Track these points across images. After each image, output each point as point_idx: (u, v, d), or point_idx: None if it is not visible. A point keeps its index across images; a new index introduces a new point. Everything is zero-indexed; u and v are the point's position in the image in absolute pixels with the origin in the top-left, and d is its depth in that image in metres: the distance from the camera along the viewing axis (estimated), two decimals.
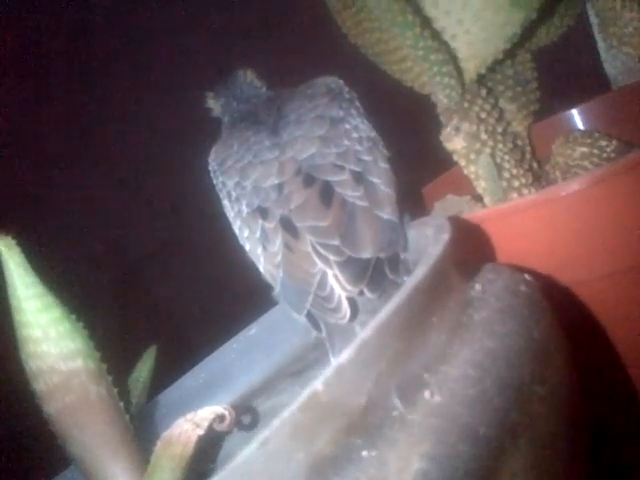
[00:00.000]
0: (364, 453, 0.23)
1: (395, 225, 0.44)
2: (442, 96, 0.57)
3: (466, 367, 0.26)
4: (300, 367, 0.63)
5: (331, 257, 0.41)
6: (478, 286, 0.33)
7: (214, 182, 0.53)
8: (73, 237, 0.63)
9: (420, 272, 0.29)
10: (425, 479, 0.21)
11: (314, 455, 0.24)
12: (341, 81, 0.53)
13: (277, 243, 0.45)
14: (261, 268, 0.48)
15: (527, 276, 0.35)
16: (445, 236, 0.33)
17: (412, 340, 0.27)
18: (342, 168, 0.45)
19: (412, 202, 0.49)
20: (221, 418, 0.49)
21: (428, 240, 0.39)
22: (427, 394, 0.25)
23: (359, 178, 0.45)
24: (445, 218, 0.37)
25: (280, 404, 0.62)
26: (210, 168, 0.53)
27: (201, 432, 0.48)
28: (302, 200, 0.44)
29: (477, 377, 0.25)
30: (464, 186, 0.63)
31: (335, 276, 0.41)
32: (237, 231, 0.51)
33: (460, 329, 0.29)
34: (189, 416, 0.49)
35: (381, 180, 0.46)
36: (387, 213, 0.44)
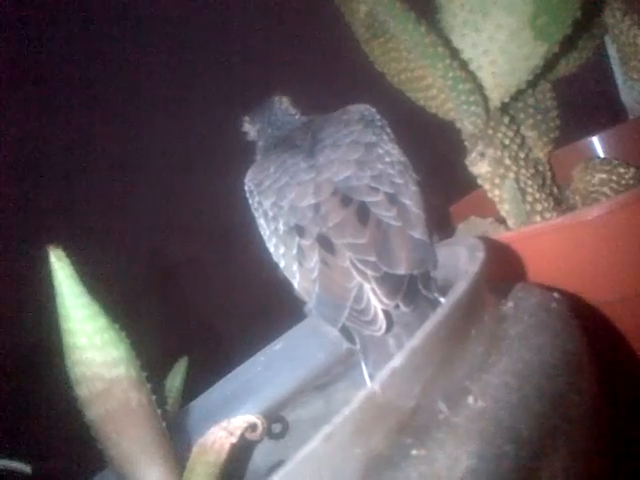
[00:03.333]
0: (414, 452, 0.25)
1: (426, 244, 0.47)
2: (468, 123, 0.59)
3: (506, 376, 0.28)
4: (324, 381, 0.65)
5: (369, 272, 0.44)
6: (510, 303, 0.35)
7: (250, 202, 0.56)
8: (114, 246, 0.66)
9: (461, 287, 0.31)
10: (474, 475, 0.23)
11: (370, 451, 0.26)
12: (373, 109, 0.56)
13: (314, 259, 0.47)
14: (295, 284, 0.51)
15: (556, 294, 0.37)
16: (481, 254, 0.35)
17: (455, 349, 0.29)
18: (377, 190, 0.48)
19: (436, 223, 0.51)
20: (253, 427, 0.51)
21: (460, 259, 0.41)
22: (471, 399, 0.27)
23: (392, 200, 0.48)
24: (477, 238, 0.39)
25: (305, 416, 0.64)
26: (246, 189, 0.56)
27: (234, 440, 0.50)
28: (339, 219, 0.46)
29: (517, 385, 0.27)
30: (486, 208, 0.65)
31: (372, 290, 0.43)
32: (272, 249, 0.53)
33: (497, 341, 0.31)
34: (223, 424, 0.51)
35: (412, 202, 0.49)
36: (418, 233, 0.47)
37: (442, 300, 0.44)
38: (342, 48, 0.77)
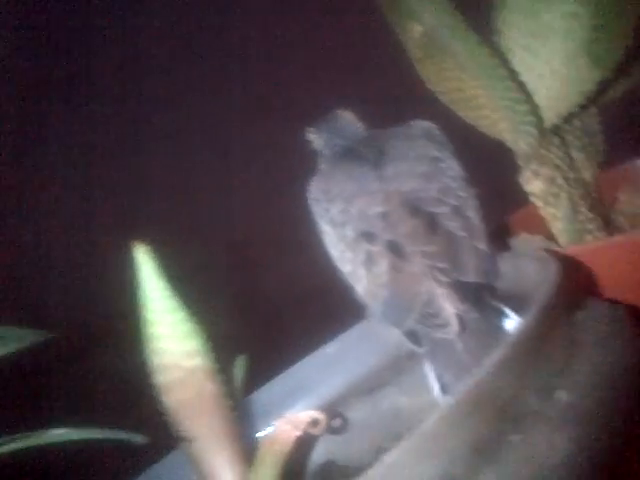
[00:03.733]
0: (513, 437, 0.28)
1: (489, 255, 0.50)
2: (523, 143, 0.62)
3: (590, 375, 0.31)
4: (373, 385, 0.68)
5: (442, 278, 0.47)
6: (584, 313, 0.38)
7: (314, 209, 0.59)
8: (195, 241, 0.69)
9: (544, 295, 0.34)
10: (572, 459, 0.26)
11: (475, 436, 0.29)
12: (434, 125, 0.59)
13: (383, 265, 0.50)
14: (360, 288, 0.54)
15: (622, 306, 0.40)
16: (555, 266, 0.39)
17: (542, 349, 0.32)
18: (443, 202, 0.51)
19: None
20: (315, 422, 0.54)
21: (526, 271, 0.44)
22: (560, 394, 0.30)
23: (457, 212, 0.51)
24: (547, 252, 0.43)
25: (353, 419, 0.67)
26: (310, 196, 0.59)
27: (298, 433, 0.53)
28: (410, 228, 0.50)
29: (601, 383, 0.30)
30: (531, 226, 0.68)
31: (445, 294, 0.46)
32: (337, 254, 0.56)
33: (576, 347, 0.34)
34: (289, 417, 0.54)
35: (474, 215, 0.52)
36: (482, 244, 0.50)
37: (505, 309, 0.47)
38: (393, 65, 0.81)
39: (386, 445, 0.65)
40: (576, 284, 0.48)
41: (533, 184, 0.61)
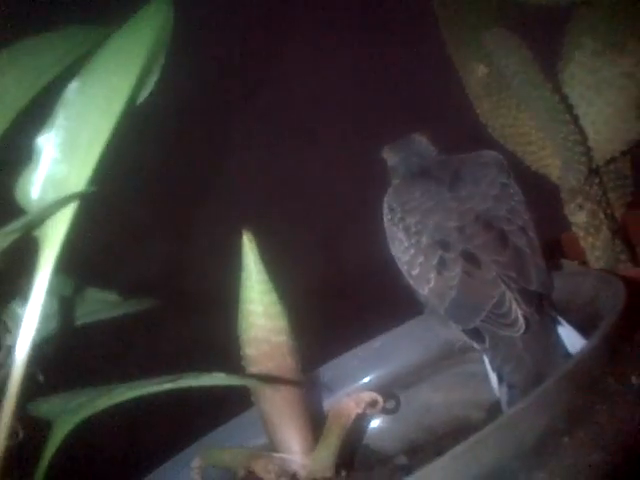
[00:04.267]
0: (598, 406, 0.36)
1: (547, 271, 0.58)
2: (573, 179, 0.71)
3: None
4: (410, 381, 0.75)
5: (511, 284, 0.55)
6: None
7: (389, 216, 0.66)
8: (294, 235, 0.77)
9: (616, 308, 0.42)
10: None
11: (538, 432, 0.36)
12: (500, 155, 0.67)
13: (455, 270, 0.58)
14: (425, 289, 0.61)
15: None
16: (620, 285, 0.47)
17: (615, 352, 0.41)
18: (511, 221, 0.59)
19: None
20: (374, 403, 0.61)
21: (583, 287, 0.53)
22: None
23: (523, 231, 0.59)
24: (606, 270, 0.51)
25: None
26: (386, 205, 0.67)
27: (359, 410, 0.60)
28: (483, 240, 0.58)
29: None
30: (568, 253, 0.77)
31: (514, 298, 0.54)
32: (406, 258, 0.64)
33: None
34: (352, 396, 0.61)
35: (534, 235, 0.60)
36: (541, 261, 0.58)
37: (559, 317, 0.55)
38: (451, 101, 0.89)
39: (416, 437, 0.73)
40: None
41: (578, 216, 0.70)
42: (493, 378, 0.55)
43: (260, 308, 0.59)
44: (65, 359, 0.46)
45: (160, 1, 0.41)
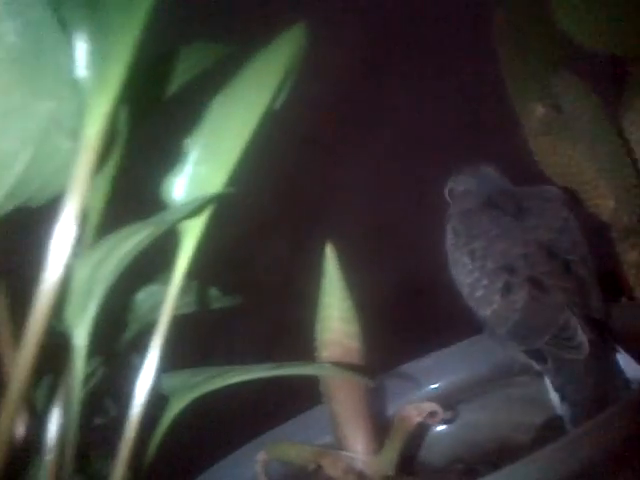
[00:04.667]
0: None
1: (604, 301, 0.62)
2: (627, 219, 0.75)
3: None
4: (457, 399, 0.79)
5: (577, 310, 0.59)
6: None
7: (453, 240, 0.71)
8: (371, 252, 0.82)
9: None
10: None
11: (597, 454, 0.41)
12: (562, 192, 0.72)
13: (521, 294, 0.62)
14: (488, 310, 0.66)
15: None
16: None
17: None
18: (574, 252, 0.64)
19: None
20: (434, 413, 0.65)
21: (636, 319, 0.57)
22: None
23: (584, 262, 0.63)
24: None
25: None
26: (452, 229, 0.71)
27: (420, 419, 0.64)
28: (549, 268, 0.62)
29: None
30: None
31: (579, 324, 0.58)
32: (469, 280, 0.68)
33: None
34: (415, 404, 0.65)
35: (593, 268, 0.64)
36: (599, 291, 0.62)
37: (616, 345, 0.60)
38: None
39: (462, 452, 0.77)
40: None
41: (630, 254, 0.74)
42: (555, 397, 0.59)
43: (337, 313, 0.63)
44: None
45: (296, 28, 0.47)
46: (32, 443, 0.41)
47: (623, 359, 0.58)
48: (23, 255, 0.44)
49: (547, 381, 0.60)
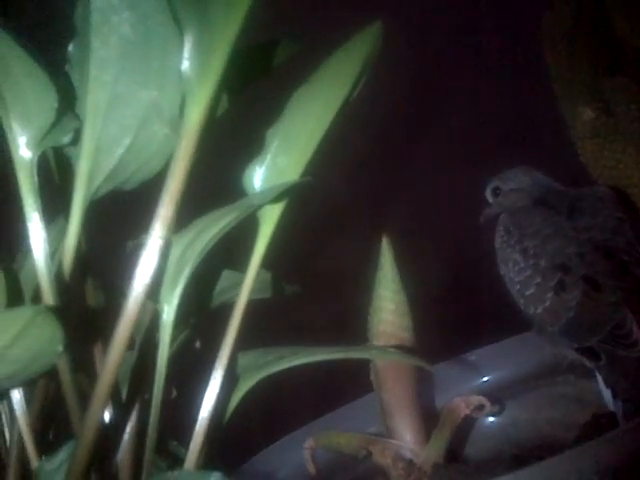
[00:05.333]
0: None
1: None
2: None
3: None
4: (503, 395, 0.80)
5: (634, 309, 0.60)
6: None
7: (505, 238, 0.72)
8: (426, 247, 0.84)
9: None
10: None
11: None
12: (613, 192, 0.73)
13: (575, 292, 0.63)
14: (539, 308, 0.67)
15: None
16: None
17: None
18: (629, 253, 0.64)
19: None
20: (481, 407, 0.67)
21: None
22: None
23: (638, 263, 0.64)
24: None
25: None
26: (503, 227, 0.72)
27: (467, 412, 0.66)
28: (605, 267, 0.63)
29: None
30: None
31: (634, 321, 0.59)
32: (520, 278, 0.69)
33: None
34: (463, 397, 0.66)
35: None
36: None
37: None
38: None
39: (504, 448, 0.78)
40: None
41: None
42: (607, 394, 0.60)
43: (392, 305, 0.65)
44: None
45: (373, 27, 0.48)
46: (118, 424, 0.43)
47: None
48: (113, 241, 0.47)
49: (599, 378, 0.61)
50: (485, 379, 0.80)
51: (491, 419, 0.77)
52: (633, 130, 0.76)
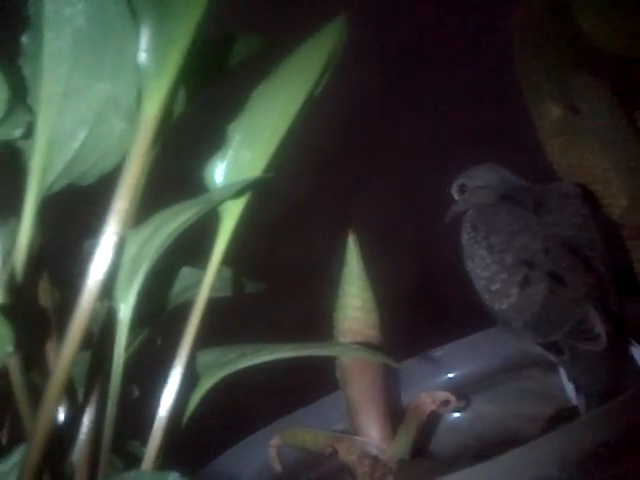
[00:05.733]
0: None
1: (620, 296, 0.64)
2: (638, 217, 0.77)
3: None
4: (468, 391, 0.80)
5: (596, 304, 0.61)
6: None
7: (471, 234, 0.72)
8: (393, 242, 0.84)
9: None
10: None
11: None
12: (579, 189, 0.73)
13: (539, 287, 0.63)
14: (505, 303, 0.67)
15: None
16: None
17: None
18: (593, 249, 0.65)
19: None
20: (447, 402, 0.67)
21: None
22: None
23: (602, 259, 0.65)
24: None
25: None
26: (470, 224, 0.72)
27: (433, 407, 0.66)
28: (569, 263, 0.63)
29: None
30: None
31: (597, 316, 0.60)
32: (486, 274, 0.69)
33: None
34: (429, 393, 0.66)
35: (609, 264, 0.66)
36: (615, 288, 0.64)
37: (631, 339, 0.61)
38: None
39: (470, 443, 0.78)
40: None
41: None
42: (569, 388, 0.61)
43: (358, 302, 0.65)
44: None
45: (337, 21, 0.48)
46: (72, 424, 0.42)
47: (637, 352, 0.60)
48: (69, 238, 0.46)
49: (563, 372, 0.62)
50: (451, 375, 0.80)
51: (457, 415, 0.77)
52: (598, 127, 0.76)
